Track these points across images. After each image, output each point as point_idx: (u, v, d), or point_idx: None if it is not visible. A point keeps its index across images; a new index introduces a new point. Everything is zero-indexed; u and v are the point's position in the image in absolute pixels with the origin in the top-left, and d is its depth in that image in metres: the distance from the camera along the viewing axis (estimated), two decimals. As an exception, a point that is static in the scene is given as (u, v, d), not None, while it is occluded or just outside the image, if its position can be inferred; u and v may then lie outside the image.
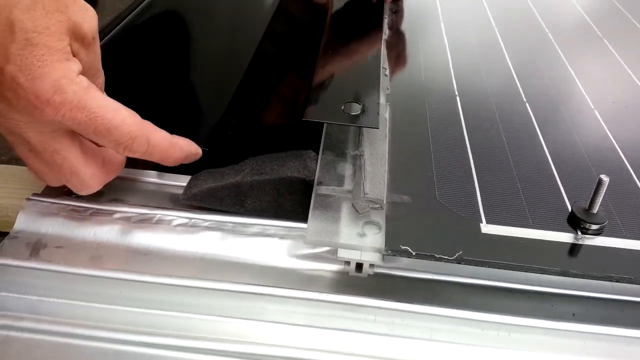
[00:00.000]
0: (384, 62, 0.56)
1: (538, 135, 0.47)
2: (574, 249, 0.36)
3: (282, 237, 0.40)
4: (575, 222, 0.37)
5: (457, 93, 0.52)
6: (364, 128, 0.45)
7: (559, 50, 0.62)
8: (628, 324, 0.34)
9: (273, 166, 0.40)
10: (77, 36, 0.34)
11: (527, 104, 0.51)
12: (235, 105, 0.52)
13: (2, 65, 0.32)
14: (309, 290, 0.35)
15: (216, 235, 0.40)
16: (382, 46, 0.54)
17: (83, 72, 0.35)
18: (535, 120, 0.49)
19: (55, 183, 0.39)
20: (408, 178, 0.41)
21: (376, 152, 0.43)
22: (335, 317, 0.35)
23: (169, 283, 0.36)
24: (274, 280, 0.37)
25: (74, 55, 0.34)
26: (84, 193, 0.39)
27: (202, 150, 0.41)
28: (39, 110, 0.33)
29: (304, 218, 0.37)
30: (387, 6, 0.65)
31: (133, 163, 0.43)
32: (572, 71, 0.58)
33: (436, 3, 0.71)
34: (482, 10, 0.70)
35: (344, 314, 0.35)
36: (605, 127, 0.49)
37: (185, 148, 0.40)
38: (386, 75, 0.54)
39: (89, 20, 0.35)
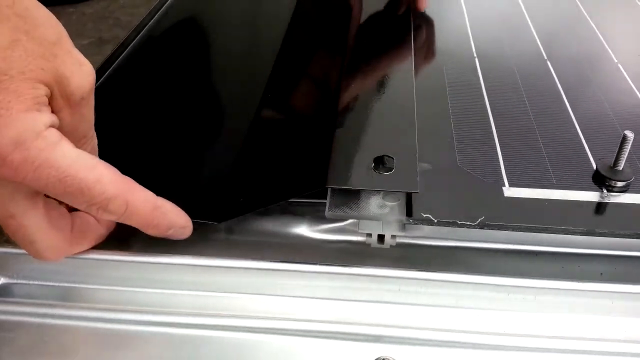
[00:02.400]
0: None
1: (560, 94, 0.46)
2: (599, 207, 0.35)
3: (304, 213, 0.40)
4: (600, 180, 0.37)
5: (475, 55, 0.51)
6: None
7: (580, 5, 0.60)
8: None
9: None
10: (61, 91, 0.29)
11: (548, 62, 0.50)
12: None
13: None
14: (332, 265, 0.35)
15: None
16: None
17: (64, 134, 0.29)
18: (557, 78, 0.47)
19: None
20: (428, 145, 0.40)
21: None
22: (359, 290, 0.35)
23: (195, 264, 0.36)
24: (299, 254, 0.37)
25: (53, 112, 0.29)
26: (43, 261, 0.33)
27: (202, 224, 0.36)
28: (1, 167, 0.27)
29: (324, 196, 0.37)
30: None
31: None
32: (594, 25, 0.56)
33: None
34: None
35: (369, 286, 0.35)
36: (631, 82, 0.47)
37: (171, 216, 0.34)
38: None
39: (79, 76, 0.29)
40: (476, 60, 0.50)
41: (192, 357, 0.33)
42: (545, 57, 0.50)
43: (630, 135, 0.35)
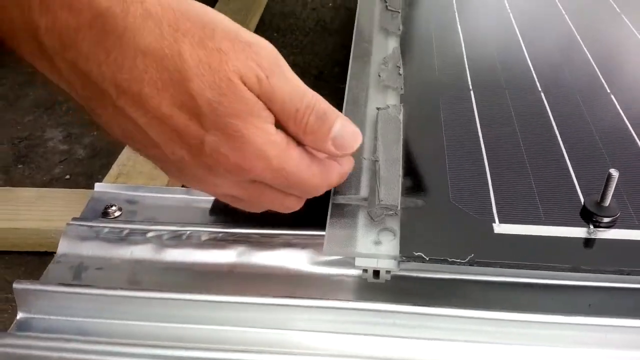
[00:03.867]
0: (398, 61, 0.57)
1: (553, 128, 0.47)
2: (586, 243, 0.37)
3: (304, 246, 0.42)
4: (587, 216, 0.38)
5: (471, 87, 0.52)
6: (379, 132, 0.47)
7: (577, 35, 0.61)
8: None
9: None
10: (251, 81, 0.31)
11: (542, 94, 0.51)
12: None
13: (202, 136, 0.31)
14: (331, 299, 0.37)
15: (243, 248, 0.42)
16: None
17: (279, 118, 0.33)
18: (551, 112, 0.49)
19: (258, 211, 0.39)
20: (422, 181, 0.42)
21: (391, 156, 0.44)
22: (357, 323, 0.37)
23: (203, 299, 0.38)
24: (300, 287, 0.39)
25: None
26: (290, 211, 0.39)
27: None
28: (242, 173, 0.33)
29: (324, 225, 0.39)
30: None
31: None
32: (590, 57, 0.57)
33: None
34: (499, 3, 0.70)
35: (366, 319, 0.36)
36: (624, 117, 0.49)
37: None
38: (400, 74, 0.55)
39: (260, 59, 0.31)
40: (471, 93, 0.52)
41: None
42: (540, 89, 0.52)
43: (615, 173, 0.37)
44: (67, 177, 0.62)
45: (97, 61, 0.29)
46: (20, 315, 0.40)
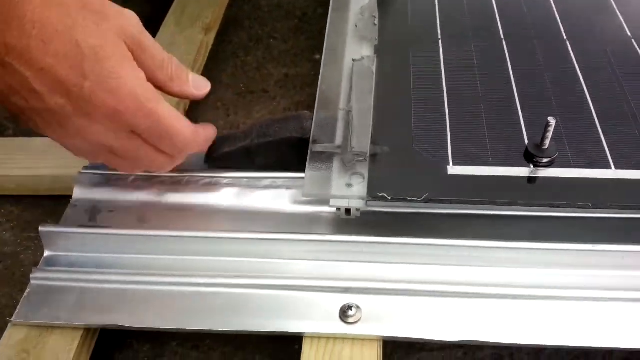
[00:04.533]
0: (374, 11, 0.61)
1: (510, 74, 0.52)
2: (528, 181, 0.43)
3: (288, 187, 0.48)
4: (529, 157, 0.44)
5: (440, 37, 0.57)
6: (353, 83, 0.52)
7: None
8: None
9: (275, 128, 0.48)
10: (129, 39, 0.37)
11: (503, 42, 0.56)
12: None
13: (81, 82, 0.36)
14: (311, 233, 0.44)
15: (234, 190, 0.48)
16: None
17: (149, 68, 0.39)
18: (509, 59, 0.54)
19: (132, 172, 0.46)
20: (390, 129, 0.48)
21: (363, 106, 0.49)
22: (332, 252, 0.43)
23: (203, 236, 0.45)
24: (284, 223, 0.46)
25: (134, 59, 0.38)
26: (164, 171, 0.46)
27: None
28: (117, 117, 0.37)
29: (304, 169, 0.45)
30: None
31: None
32: (555, 10, 0.61)
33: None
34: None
35: (340, 249, 0.43)
36: (576, 64, 0.53)
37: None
38: (375, 24, 0.59)
39: (133, 24, 0.38)
40: (440, 42, 0.56)
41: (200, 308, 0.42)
42: (502, 37, 0.57)
43: (552, 121, 0.42)
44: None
45: None
46: (47, 253, 0.46)
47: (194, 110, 0.66)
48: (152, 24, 0.40)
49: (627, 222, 0.43)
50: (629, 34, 0.57)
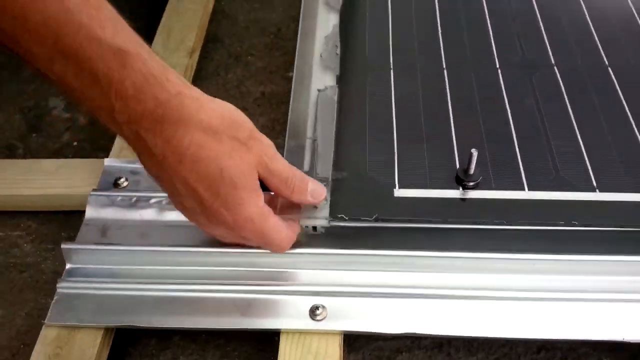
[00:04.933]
0: (336, 40, 0.70)
1: (448, 103, 0.62)
2: (457, 202, 0.54)
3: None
4: (459, 181, 0.55)
5: (392, 67, 0.67)
6: (318, 113, 0.62)
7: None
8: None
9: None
10: (262, 169, 0.46)
11: (445, 71, 0.66)
12: None
13: (212, 200, 0.44)
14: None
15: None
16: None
17: (272, 186, 0.47)
18: (449, 90, 0.64)
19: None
20: (348, 156, 0.58)
21: (326, 135, 0.59)
22: (305, 262, 0.54)
23: (194, 251, 0.55)
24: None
25: (261, 179, 0.46)
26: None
27: None
28: (233, 230, 0.47)
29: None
30: None
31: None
32: (490, 30, 0.71)
33: None
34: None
35: (310, 259, 0.54)
36: (504, 92, 0.64)
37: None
38: (337, 54, 0.69)
39: (269, 154, 0.46)
40: (391, 72, 0.66)
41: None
42: (444, 67, 0.67)
43: (475, 152, 0.53)
44: (75, 143, 0.76)
45: (153, 133, 0.42)
46: (68, 266, 0.56)
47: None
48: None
49: (538, 233, 0.53)
50: (553, 61, 0.67)
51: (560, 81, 0.65)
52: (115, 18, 0.40)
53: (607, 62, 0.67)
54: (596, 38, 0.70)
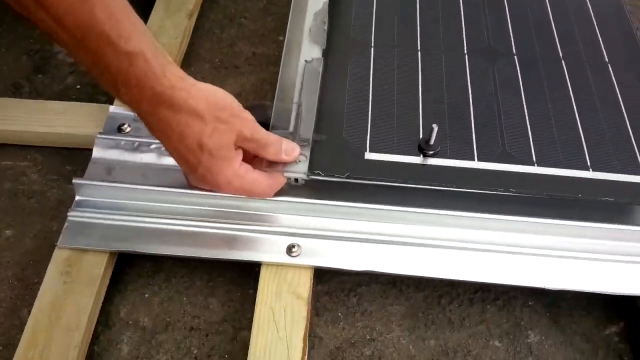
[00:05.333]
0: (325, 17, 0.78)
1: (419, 81, 0.71)
2: (418, 167, 0.63)
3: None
4: (421, 149, 0.64)
5: (372, 45, 0.75)
6: (304, 81, 0.70)
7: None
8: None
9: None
10: (242, 140, 0.55)
11: (419, 53, 0.75)
12: None
13: (196, 166, 0.54)
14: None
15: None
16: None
17: (252, 150, 0.57)
18: (421, 66, 0.73)
19: None
20: (328, 121, 0.67)
21: (310, 101, 0.68)
22: (287, 209, 0.63)
23: (185, 192, 0.64)
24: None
25: (242, 149, 0.56)
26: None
27: None
28: (217, 189, 0.56)
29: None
30: None
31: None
32: (462, 19, 0.79)
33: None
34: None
35: (290, 206, 0.63)
36: (468, 75, 0.73)
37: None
38: (325, 30, 0.76)
39: (248, 127, 0.55)
40: (372, 50, 0.75)
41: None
42: (419, 48, 0.75)
43: (435, 127, 0.62)
44: (78, 86, 0.83)
45: (149, 113, 0.51)
46: (77, 198, 0.65)
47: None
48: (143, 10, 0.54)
49: (482, 195, 0.63)
50: (514, 51, 0.76)
51: (518, 69, 0.74)
52: (132, 26, 0.49)
53: (561, 54, 0.77)
54: (555, 31, 0.79)
